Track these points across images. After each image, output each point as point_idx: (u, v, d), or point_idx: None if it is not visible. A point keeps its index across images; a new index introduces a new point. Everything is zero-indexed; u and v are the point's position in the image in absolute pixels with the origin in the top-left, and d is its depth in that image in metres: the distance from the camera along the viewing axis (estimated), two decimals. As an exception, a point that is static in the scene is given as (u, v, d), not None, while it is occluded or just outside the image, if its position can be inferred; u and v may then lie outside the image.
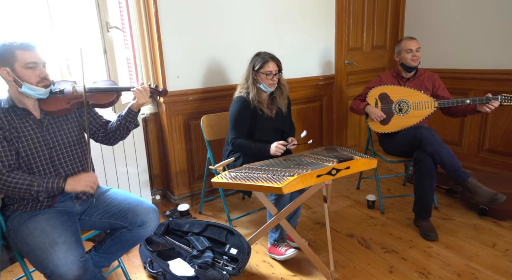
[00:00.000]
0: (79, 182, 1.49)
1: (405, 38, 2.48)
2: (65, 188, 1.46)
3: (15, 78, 1.45)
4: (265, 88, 2.13)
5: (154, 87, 1.78)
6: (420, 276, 1.88)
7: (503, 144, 3.01)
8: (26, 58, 1.45)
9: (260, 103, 2.14)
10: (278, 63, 2.12)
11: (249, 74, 2.15)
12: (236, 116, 2.13)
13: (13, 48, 1.44)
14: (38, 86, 1.49)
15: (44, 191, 1.44)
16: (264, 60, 2.09)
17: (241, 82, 2.22)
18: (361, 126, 3.72)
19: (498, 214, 2.38)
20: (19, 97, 1.51)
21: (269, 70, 2.08)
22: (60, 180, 1.46)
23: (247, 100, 2.13)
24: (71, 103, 1.59)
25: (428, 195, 2.22)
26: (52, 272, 1.34)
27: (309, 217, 2.57)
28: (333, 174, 1.69)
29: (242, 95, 2.15)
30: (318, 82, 3.28)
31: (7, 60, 1.44)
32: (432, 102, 2.36)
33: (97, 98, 1.67)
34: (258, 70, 2.10)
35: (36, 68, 1.48)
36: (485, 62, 3.02)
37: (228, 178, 1.74)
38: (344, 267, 1.98)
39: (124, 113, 1.72)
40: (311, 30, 3.13)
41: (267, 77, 2.09)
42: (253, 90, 2.12)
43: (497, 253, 2.04)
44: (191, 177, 2.83)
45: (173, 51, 2.54)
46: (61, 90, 1.59)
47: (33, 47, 1.48)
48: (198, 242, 2.07)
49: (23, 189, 1.41)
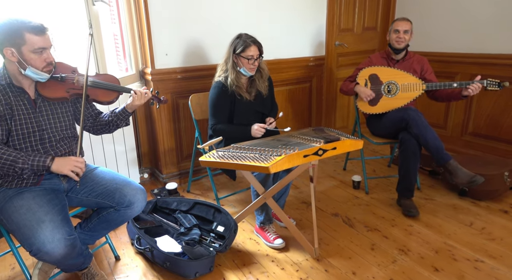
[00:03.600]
0: (66, 165, 1.47)
1: (397, 18, 2.46)
2: (51, 168, 1.45)
3: (20, 60, 1.39)
4: (245, 72, 2.10)
5: (156, 93, 1.78)
6: (400, 253, 1.95)
7: (486, 127, 3.08)
8: (36, 43, 1.38)
9: (238, 87, 2.10)
10: (260, 48, 2.08)
11: (229, 56, 2.10)
12: (215, 103, 2.12)
13: (23, 29, 1.36)
14: (43, 71, 1.44)
15: (29, 169, 1.42)
16: (246, 44, 2.03)
17: (220, 63, 2.18)
18: (350, 108, 3.75)
19: (477, 194, 2.47)
20: (17, 77, 1.46)
21: (251, 54, 2.04)
22: (47, 159, 1.44)
23: (225, 85, 2.10)
24: (70, 93, 1.55)
25: (411, 176, 2.28)
26: (38, 250, 1.35)
27: (295, 196, 2.62)
28: (319, 154, 1.71)
29: (221, 80, 2.12)
30: (308, 63, 3.27)
31: (14, 41, 1.36)
32: (420, 85, 2.39)
33: (97, 94, 1.64)
34: (239, 54, 2.05)
35: (43, 52, 1.42)
36: (472, 46, 3.05)
37: (215, 157, 1.75)
38: (328, 244, 2.05)
39: (118, 111, 1.70)
40: (303, 10, 3.09)
41: (248, 62, 2.05)
42: (232, 74, 2.08)
43: (474, 231, 2.13)
44: (179, 156, 2.84)
45: (161, 27, 2.48)
46: (62, 77, 1.54)
47: (44, 31, 1.41)
48: (185, 219, 2.10)
49: (7, 165, 1.39)
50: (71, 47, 2.27)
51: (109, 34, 2.55)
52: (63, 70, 1.57)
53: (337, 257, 1.93)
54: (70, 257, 1.44)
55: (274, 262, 1.91)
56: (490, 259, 1.88)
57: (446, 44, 3.24)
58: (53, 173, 1.58)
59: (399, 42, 2.42)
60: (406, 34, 2.41)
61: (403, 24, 2.41)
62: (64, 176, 1.61)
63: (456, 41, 3.15)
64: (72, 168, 1.48)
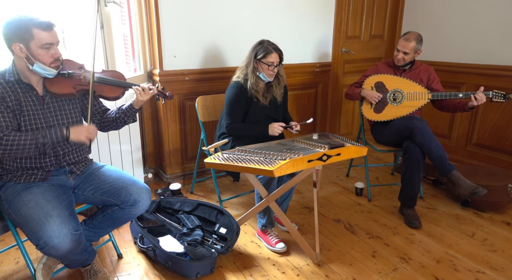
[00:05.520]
0: (82, 132, 1.51)
1: (404, 34, 2.43)
2: (70, 137, 1.47)
3: (28, 55, 1.42)
4: (264, 78, 2.13)
5: (162, 89, 1.81)
6: (401, 261, 1.96)
7: (490, 139, 3.08)
8: (43, 38, 1.42)
9: (256, 92, 2.14)
10: (281, 55, 2.12)
11: (250, 61, 2.13)
12: (232, 102, 2.14)
13: (31, 25, 1.39)
14: (51, 66, 1.47)
15: (49, 142, 1.44)
16: (267, 50, 2.07)
17: (241, 66, 2.21)
18: (355, 114, 3.76)
19: (480, 205, 2.47)
20: (25, 73, 1.49)
21: (271, 61, 2.07)
22: (63, 129, 1.47)
23: (244, 87, 2.13)
24: (77, 89, 1.58)
25: (415, 184, 2.28)
26: (45, 244, 1.37)
27: (298, 201, 2.63)
28: (323, 160, 1.73)
29: (240, 81, 2.15)
30: (315, 69, 3.29)
31: (23, 36, 1.40)
32: (426, 94, 2.40)
33: (104, 90, 1.66)
34: (260, 60, 2.09)
35: (51, 48, 1.45)
36: (478, 56, 3.06)
37: (220, 159, 1.77)
38: (329, 250, 2.05)
39: (125, 108, 1.73)
40: (311, 16, 3.12)
41: (268, 68, 2.09)
42: (252, 78, 2.12)
43: (476, 242, 2.13)
44: (184, 157, 2.86)
45: (171, 29, 2.52)
46: (69, 73, 1.57)
47: (52, 27, 1.45)
48: (188, 220, 2.11)
49: (27, 144, 1.40)
50: (81, 47, 2.31)
51: (119, 35, 2.58)
52: (70, 67, 1.60)
53: (338, 263, 1.94)
54: (75, 252, 1.46)
55: (275, 265, 1.92)
56: (491, 271, 1.88)
57: (452, 54, 3.25)
58: (62, 169, 1.60)
59: (398, 61, 2.44)
60: (406, 55, 2.40)
61: (404, 44, 2.38)
62: (71, 173, 1.64)
63: (462, 51, 3.17)
64: (88, 134, 1.52)
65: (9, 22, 1.40)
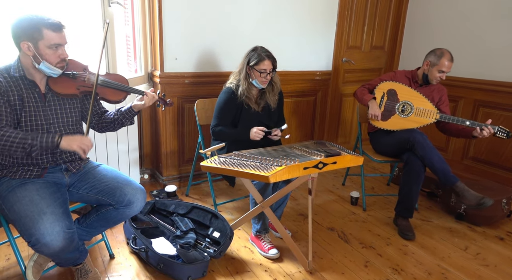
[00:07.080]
0: (75, 141, 1.48)
1: (446, 56, 2.33)
2: (60, 144, 1.44)
3: (35, 54, 1.43)
4: (257, 84, 2.14)
5: (163, 96, 1.83)
6: (393, 272, 1.95)
7: (487, 153, 3.10)
8: (52, 39, 1.43)
9: (248, 98, 2.15)
10: (274, 62, 2.11)
11: (243, 67, 2.14)
12: (221, 107, 2.16)
13: (42, 25, 1.40)
14: (56, 66, 1.48)
15: (38, 146, 1.41)
16: (260, 57, 2.07)
17: (234, 72, 2.22)
18: (353, 124, 3.78)
19: (474, 219, 2.47)
20: (30, 70, 1.50)
21: (264, 68, 2.07)
22: (56, 136, 1.45)
23: (235, 93, 2.14)
24: (80, 90, 1.59)
25: (413, 196, 2.28)
26: (37, 241, 1.36)
27: (293, 208, 2.63)
28: (319, 167, 1.73)
29: (232, 87, 2.16)
30: (315, 77, 3.31)
31: (32, 35, 1.41)
32: (435, 114, 2.37)
33: (107, 93, 1.67)
34: (253, 66, 2.09)
35: (58, 49, 1.46)
36: (477, 71, 3.08)
37: (217, 163, 1.77)
38: (322, 258, 2.05)
39: (124, 110, 1.74)
40: (312, 24, 3.14)
41: (260, 75, 2.09)
42: (244, 84, 2.13)
43: (468, 256, 2.13)
44: (180, 160, 2.86)
45: (173, 32, 2.53)
46: (74, 74, 1.58)
47: (62, 29, 1.46)
48: (182, 223, 2.11)
49: (16, 142, 1.38)
50: (84, 46, 2.31)
51: (121, 35, 2.60)
52: (74, 68, 1.61)
53: (330, 271, 1.93)
54: (67, 251, 1.45)
55: (267, 272, 1.92)
56: (482, 285, 1.88)
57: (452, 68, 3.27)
58: (57, 167, 1.60)
59: (437, 80, 2.38)
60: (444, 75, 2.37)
61: (451, 66, 2.34)
62: (67, 171, 1.64)
63: (462, 65, 3.19)
64: (80, 145, 1.48)
65: (20, 20, 1.41)
